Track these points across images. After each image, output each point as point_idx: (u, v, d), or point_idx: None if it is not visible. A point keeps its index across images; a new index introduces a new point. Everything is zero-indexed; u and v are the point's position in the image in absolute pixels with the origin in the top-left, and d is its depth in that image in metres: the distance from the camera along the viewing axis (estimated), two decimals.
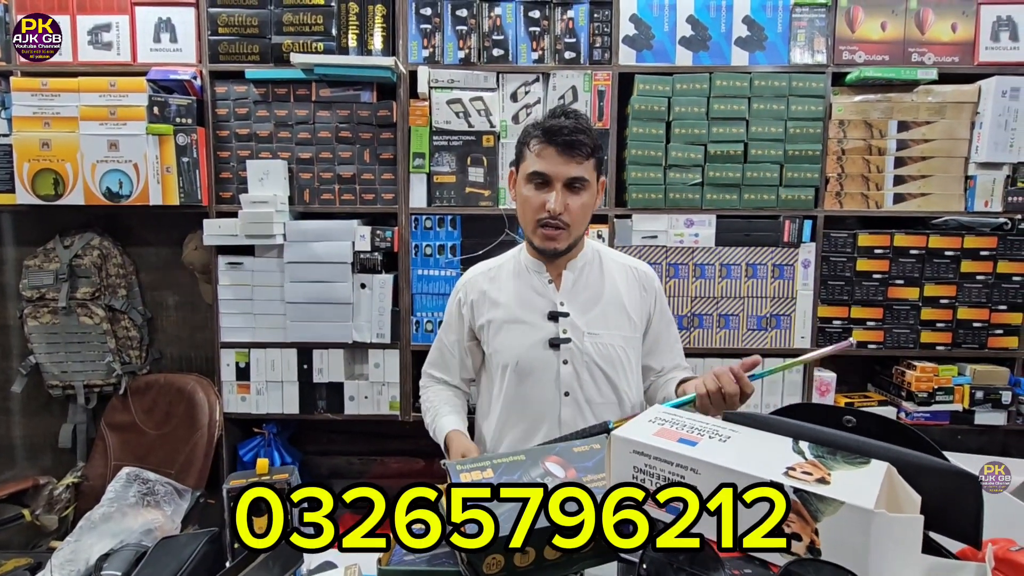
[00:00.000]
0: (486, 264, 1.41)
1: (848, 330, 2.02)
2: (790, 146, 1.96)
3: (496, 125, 1.98)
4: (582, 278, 1.33)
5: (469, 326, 1.37)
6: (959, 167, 1.98)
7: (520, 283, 1.33)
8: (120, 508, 1.00)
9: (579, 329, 1.28)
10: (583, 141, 1.19)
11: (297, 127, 1.99)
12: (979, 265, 1.98)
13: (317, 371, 2.03)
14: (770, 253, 1.99)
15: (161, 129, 1.91)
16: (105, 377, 2.11)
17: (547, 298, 1.31)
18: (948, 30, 1.95)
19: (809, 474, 0.67)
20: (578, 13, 1.95)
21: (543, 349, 1.28)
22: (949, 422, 2.01)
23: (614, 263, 1.37)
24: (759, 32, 1.95)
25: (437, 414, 1.36)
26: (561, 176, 1.20)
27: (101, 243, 2.12)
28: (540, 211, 1.22)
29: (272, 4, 1.95)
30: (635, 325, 1.33)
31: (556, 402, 1.28)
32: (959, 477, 0.66)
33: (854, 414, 0.81)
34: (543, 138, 1.20)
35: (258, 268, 2.00)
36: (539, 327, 1.29)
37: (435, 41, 1.97)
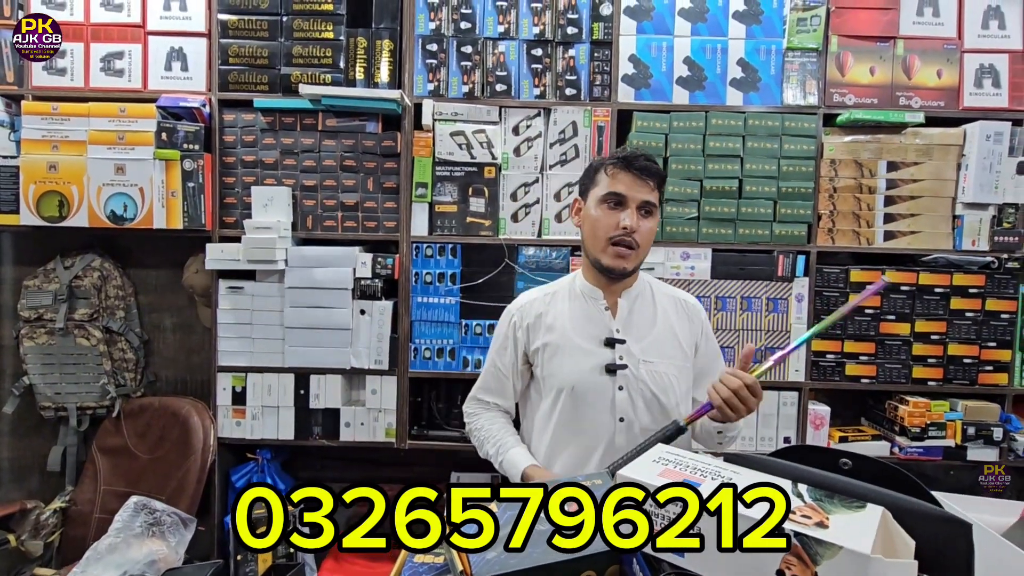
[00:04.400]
0: (540, 290, 1.45)
1: (842, 364, 2.04)
2: (783, 183, 2.01)
3: (498, 157, 2.03)
4: (636, 307, 1.37)
5: (524, 349, 1.40)
6: (947, 207, 2.04)
7: (575, 309, 1.37)
8: (126, 539, 0.99)
9: (635, 356, 1.32)
10: (655, 170, 1.30)
11: (303, 155, 2.03)
12: (968, 302, 2.02)
13: (314, 396, 2.02)
14: (764, 287, 2.03)
15: (168, 154, 1.94)
16: (99, 399, 2.09)
17: (603, 325, 1.34)
18: (934, 76, 2.04)
19: (808, 517, 0.69)
20: (579, 52, 2.02)
21: (600, 375, 1.31)
22: (942, 457, 2.02)
23: (664, 295, 1.41)
24: (753, 74, 2.02)
25: (502, 446, 1.37)
26: (636, 198, 1.28)
27: (102, 264, 2.13)
28: (613, 229, 1.28)
29: (283, 37, 2.00)
30: (686, 355, 1.37)
31: (611, 427, 1.31)
32: (951, 523, 0.67)
33: (850, 457, 0.83)
34: (620, 164, 1.29)
35: (258, 292, 2.01)
36: (595, 353, 1.32)
37: (440, 75, 2.03)
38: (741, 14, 2.02)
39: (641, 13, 2.02)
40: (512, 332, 1.41)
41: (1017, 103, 2.02)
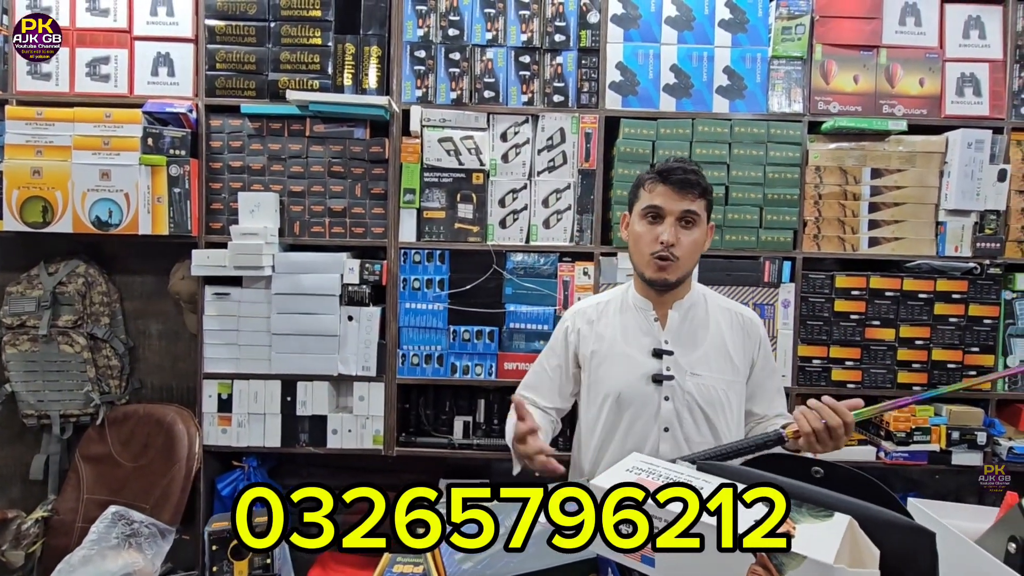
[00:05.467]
0: (595, 298, 1.49)
1: (828, 370, 2.06)
2: (769, 190, 2.03)
3: (486, 163, 2.03)
4: (688, 319, 1.37)
5: (574, 352, 1.43)
6: (930, 213, 2.06)
7: (626, 319, 1.39)
8: (100, 551, 0.98)
9: (682, 368, 1.33)
10: (694, 180, 1.29)
11: (290, 161, 2.02)
12: (952, 308, 2.04)
13: (301, 403, 2.01)
14: (751, 292, 2.04)
15: (154, 160, 1.93)
16: (83, 407, 2.07)
17: (652, 335, 1.36)
18: (916, 84, 2.06)
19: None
20: (566, 59, 2.03)
21: (646, 384, 1.32)
22: (927, 462, 2.03)
23: (719, 307, 1.41)
24: (739, 82, 2.04)
25: (509, 421, 1.34)
26: (674, 210, 1.28)
27: (86, 271, 2.11)
28: (653, 244, 1.29)
29: (270, 42, 2.00)
30: (737, 370, 1.36)
31: (655, 436, 1.32)
32: (916, 533, 0.68)
33: (822, 465, 0.83)
34: (658, 177, 1.30)
35: (245, 299, 2.00)
36: (642, 362, 1.34)
37: (428, 82, 2.03)
38: (727, 22, 2.04)
39: (628, 21, 2.03)
40: (564, 336, 1.45)
41: (998, 111, 2.05)
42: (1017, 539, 0.81)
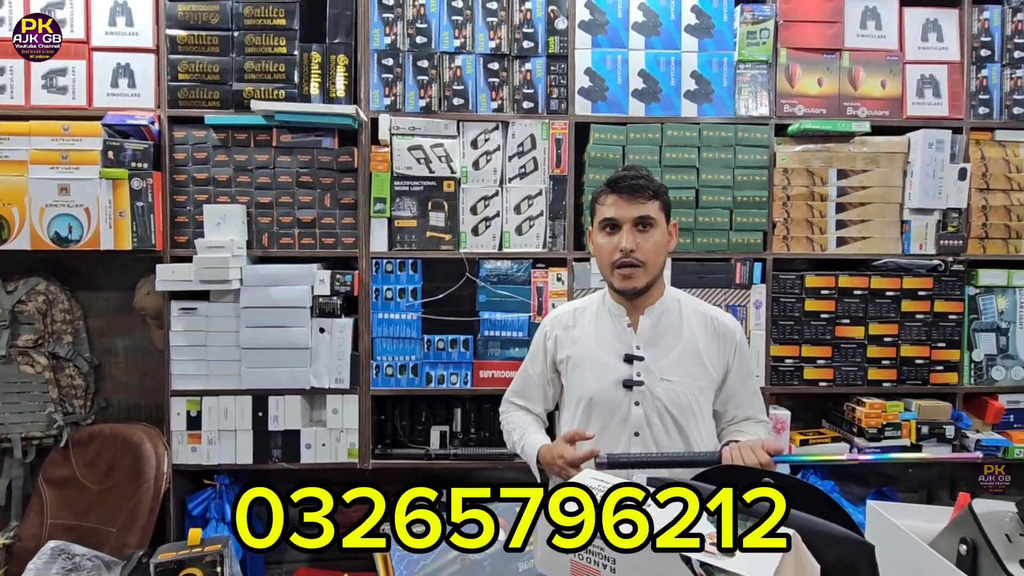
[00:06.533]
0: (572, 304, 1.51)
1: (800, 369, 2.08)
2: (738, 192, 2.05)
3: (457, 171, 2.02)
4: (660, 324, 1.37)
5: (552, 359, 1.46)
6: (895, 212, 2.10)
7: (600, 324, 1.41)
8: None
9: (653, 373, 1.34)
10: (643, 184, 1.31)
11: (257, 172, 1.99)
12: (918, 305, 2.08)
13: (272, 418, 1.97)
14: (723, 294, 2.06)
15: (115, 173, 1.88)
16: (45, 428, 2.00)
17: (624, 341, 1.37)
18: (878, 86, 2.10)
19: (716, 545, 0.68)
20: (535, 65, 2.03)
21: (616, 389, 1.34)
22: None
23: (693, 311, 1.41)
24: (706, 86, 2.06)
25: (525, 432, 1.44)
26: (628, 217, 1.30)
27: (47, 288, 2.04)
28: (614, 253, 1.31)
29: (234, 52, 1.97)
30: (709, 375, 1.36)
31: (625, 440, 1.34)
32: (856, 545, 0.68)
33: (772, 476, 0.83)
34: (608, 188, 1.33)
35: (213, 313, 1.96)
36: (614, 367, 1.35)
37: (397, 90, 2.01)
38: (693, 27, 2.06)
39: (595, 27, 2.04)
40: (543, 342, 1.48)
41: (956, 112, 2.10)
42: (967, 541, 0.81)
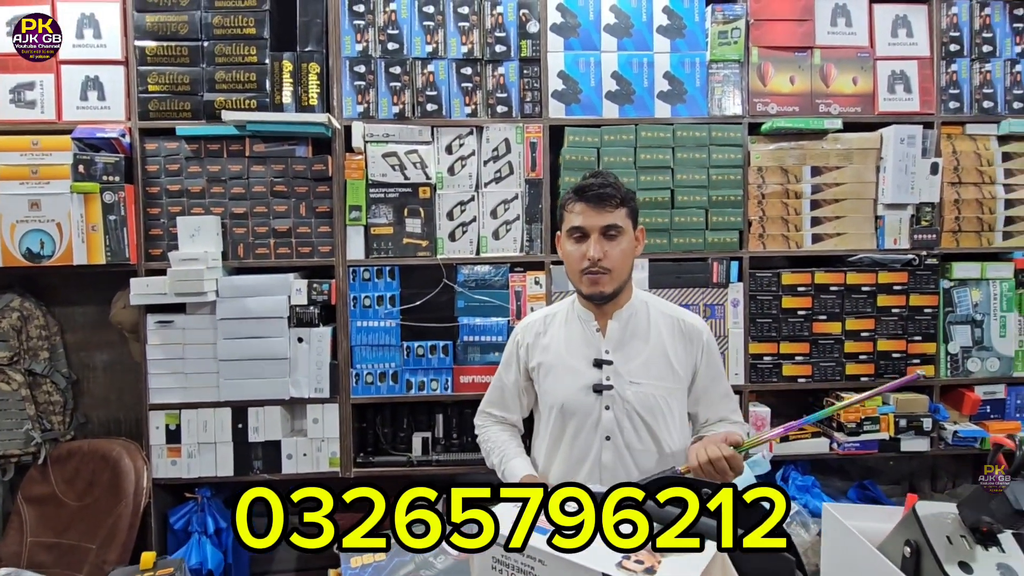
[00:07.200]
0: (543, 311, 1.52)
1: (778, 366, 2.09)
2: (713, 192, 2.06)
3: (432, 177, 2.02)
4: (628, 328, 1.38)
5: (524, 366, 1.46)
6: (869, 208, 2.12)
7: (570, 330, 1.42)
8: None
9: (622, 377, 1.35)
10: (611, 193, 1.31)
11: (231, 182, 1.97)
12: (893, 299, 2.10)
13: (253, 430, 1.97)
14: (701, 293, 2.06)
15: (87, 187, 1.87)
16: (23, 446, 1.99)
17: (594, 346, 1.38)
18: (850, 83, 2.12)
19: (641, 563, 0.69)
20: (508, 70, 2.03)
21: (587, 394, 1.35)
22: (878, 450, 2.09)
23: (661, 314, 1.42)
24: (679, 86, 2.07)
25: (505, 455, 1.43)
26: (595, 226, 1.31)
27: (22, 304, 2.03)
28: (582, 261, 1.32)
29: (204, 62, 1.95)
30: (678, 376, 1.38)
31: (597, 445, 1.35)
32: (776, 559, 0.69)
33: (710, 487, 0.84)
34: (576, 197, 1.33)
35: (190, 326, 1.94)
36: (584, 373, 1.36)
37: (369, 97, 2.01)
38: (665, 28, 2.07)
39: (568, 30, 2.04)
40: (515, 350, 1.48)
41: (927, 107, 2.12)
42: (911, 543, 0.83)
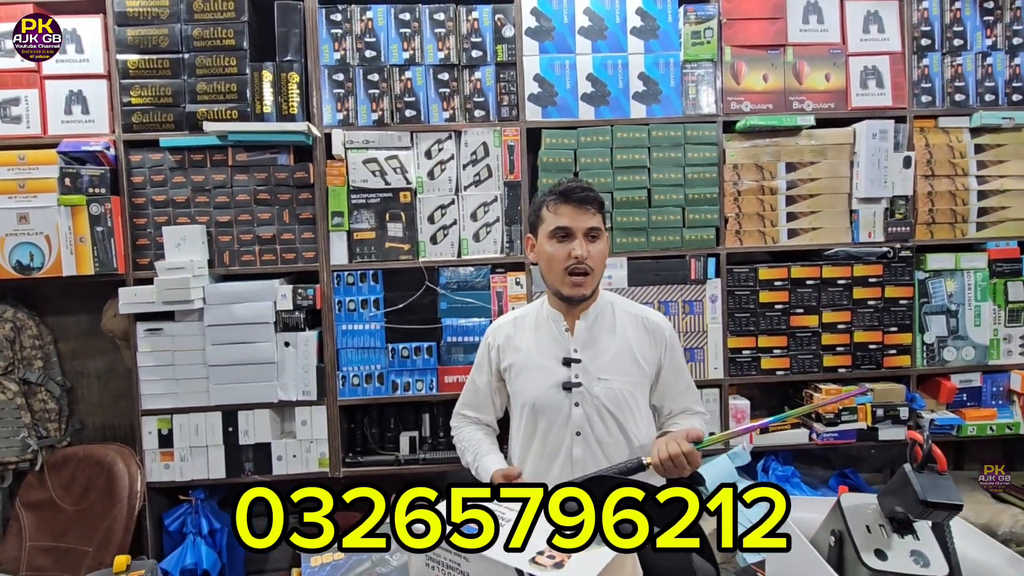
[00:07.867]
0: (513, 313, 1.57)
1: (757, 359, 2.13)
2: (690, 190, 2.09)
3: (412, 181, 2.06)
4: (595, 327, 1.44)
5: (496, 368, 1.50)
6: (844, 202, 2.15)
7: (540, 331, 1.46)
8: None
9: (590, 374, 1.40)
10: (594, 197, 1.38)
11: (215, 191, 2.01)
12: (869, 291, 2.13)
13: (243, 433, 2.01)
14: (679, 290, 2.10)
15: (73, 200, 1.91)
16: (20, 454, 2.03)
17: (563, 345, 1.42)
18: (823, 79, 2.15)
19: (552, 558, 0.71)
20: (485, 74, 2.06)
21: (557, 392, 1.40)
22: (856, 440, 2.12)
23: (626, 313, 1.47)
24: (654, 87, 2.10)
25: (478, 453, 1.47)
26: (581, 227, 1.36)
27: (15, 315, 2.07)
28: (567, 260, 1.36)
29: (186, 74, 1.99)
30: (644, 371, 1.43)
31: (568, 441, 1.40)
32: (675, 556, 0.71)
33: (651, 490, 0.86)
34: (561, 198, 1.38)
35: (178, 333, 1.99)
36: (554, 371, 1.41)
37: (349, 104, 2.04)
38: (638, 30, 2.10)
39: (542, 33, 2.07)
40: (487, 352, 1.52)
41: (900, 101, 2.14)
42: (835, 532, 0.88)
